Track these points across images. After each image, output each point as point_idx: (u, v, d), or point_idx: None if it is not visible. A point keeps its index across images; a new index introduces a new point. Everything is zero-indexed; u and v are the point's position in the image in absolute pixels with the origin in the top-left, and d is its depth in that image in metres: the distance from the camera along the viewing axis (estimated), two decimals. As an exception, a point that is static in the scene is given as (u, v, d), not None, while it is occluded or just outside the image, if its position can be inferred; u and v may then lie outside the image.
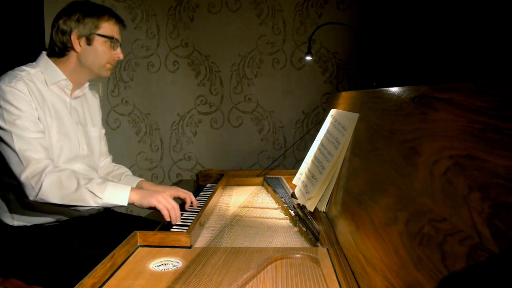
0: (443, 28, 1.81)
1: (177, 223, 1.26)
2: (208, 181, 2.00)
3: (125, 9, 2.60)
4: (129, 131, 2.70)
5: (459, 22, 1.68)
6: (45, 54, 1.41)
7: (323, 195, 1.28)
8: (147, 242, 1.08)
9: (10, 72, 1.31)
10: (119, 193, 1.26)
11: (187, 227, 1.18)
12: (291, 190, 1.67)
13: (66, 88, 1.41)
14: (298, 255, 1.01)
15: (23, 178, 1.22)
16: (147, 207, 1.28)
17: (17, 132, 1.22)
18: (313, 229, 1.18)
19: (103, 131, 1.66)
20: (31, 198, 1.23)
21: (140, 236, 1.08)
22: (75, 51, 1.37)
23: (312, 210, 1.29)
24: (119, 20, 1.44)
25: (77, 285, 0.77)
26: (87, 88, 1.53)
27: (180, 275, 0.89)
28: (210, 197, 1.50)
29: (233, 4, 2.58)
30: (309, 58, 2.26)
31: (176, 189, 1.47)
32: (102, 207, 1.29)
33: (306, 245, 1.15)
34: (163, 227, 1.25)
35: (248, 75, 2.64)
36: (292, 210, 1.39)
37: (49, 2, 2.57)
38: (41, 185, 1.21)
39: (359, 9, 2.52)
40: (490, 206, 0.47)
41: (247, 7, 2.58)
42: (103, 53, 1.39)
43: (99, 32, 1.37)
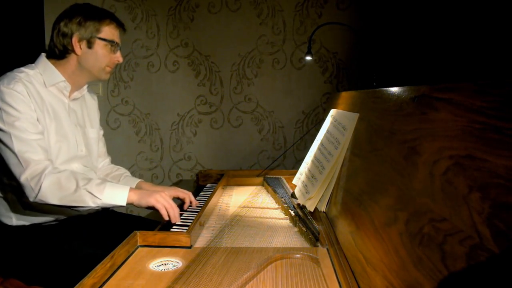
0: (443, 28, 1.81)
1: (177, 223, 1.26)
2: (208, 181, 2.00)
3: (125, 9, 2.60)
4: (129, 131, 2.70)
5: (459, 22, 1.68)
6: (44, 56, 1.41)
7: (323, 195, 1.28)
8: (147, 242, 1.08)
9: (9, 73, 1.31)
10: (117, 194, 1.27)
11: (187, 227, 1.18)
12: (291, 190, 1.67)
13: (64, 89, 1.41)
14: (298, 255, 1.01)
15: (23, 179, 1.23)
16: (146, 206, 1.28)
17: (16, 133, 1.23)
18: (313, 229, 1.18)
19: (102, 132, 1.66)
20: (31, 199, 1.24)
21: (140, 236, 1.08)
22: (76, 54, 1.38)
23: (312, 210, 1.29)
24: (119, 24, 1.45)
25: (77, 285, 0.77)
26: (85, 90, 1.53)
27: (180, 275, 0.89)
28: (210, 197, 1.50)
29: (233, 4, 2.58)
30: (309, 58, 2.26)
31: (175, 189, 1.47)
32: (101, 208, 1.29)
33: (306, 245, 1.15)
34: (163, 227, 1.25)
35: (248, 75, 2.64)
36: (292, 210, 1.39)
37: (49, 2, 2.57)
38: (41, 187, 1.21)
39: (359, 9, 2.52)
40: (490, 206, 0.47)
41: (247, 7, 2.58)
42: (103, 56, 1.40)
43: (100, 35, 1.38)
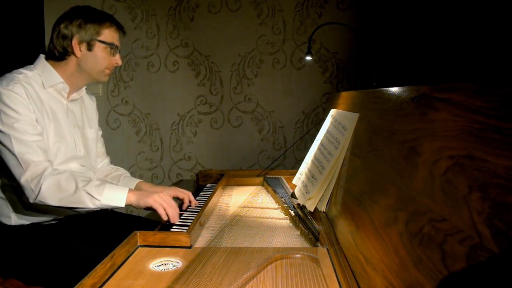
0: (443, 28, 1.81)
1: (177, 222, 1.26)
2: (208, 181, 2.00)
3: (125, 9, 2.60)
4: (129, 131, 2.70)
5: (459, 22, 1.68)
6: (43, 57, 1.41)
7: (323, 195, 1.28)
8: (147, 242, 1.08)
9: (7, 74, 1.31)
10: (116, 195, 1.27)
11: (187, 227, 1.18)
12: (291, 190, 1.67)
13: (63, 91, 1.42)
14: (298, 255, 1.01)
15: (23, 181, 1.23)
16: (144, 207, 1.29)
17: (16, 135, 1.23)
18: (313, 229, 1.18)
19: (100, 132, 1.67)
20: (31, 200, 1.25)
21: (140, 236, 1.08)
22: (75, 56, 1.38)
23: (312, 210, 1.29)
24: (119, 27, 1.45)
25: (77, 285, 0.77)
26: (84, 91, 1.54)
27: (180, 275, 0.89)
28: (210, 197, 1.50)
29: (233, 4, 2.58)
30: (309, 58, 2.26)
31: (174, 189, 1.48)
32: (100, 209, 1.29)
33: (306, 245, 1.15)
34: (163, 227, 1.25)
35: (248, 75, 2.64)
36: (292, 210, 1.39)
37: (49, 3, 2.57)
38: (40, 188, 1.22)
39: (359, 9, 2.52)
40: (490, 206, 0.47)
41: (247, 7, 2.58)
42: (103, 59, 1.40)
43: (100, 38, 1.38)
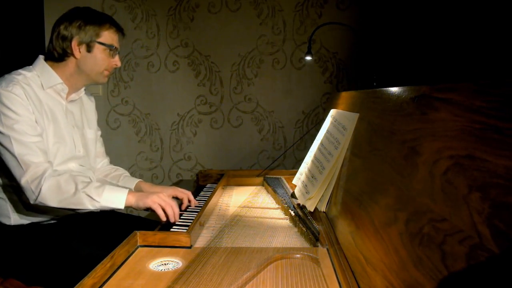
0: (443, 28, 1.81)
1: (177, 222, 1.26)
2: (208, 181, 2.00)
3: (125, 9, 2.60)
4: (129, 131, 2.70)
5: (459, 22, 1.68)
6: (42, 58, 1.41)
7: (323, 195, 1.28)
8: (147, 242, 1.08)
9: (6, 75, 1.31)
10: (116, 197, 1.28)
11: (187, 227, 1.17)
12: (291, 190, 1.67)
13: (62, 91, 1.42)
14: (298, 255, 1.01)
15: (23, 182, 1.24)
16: (144, 208, 1.30)
17: (16, 136, 1.23)
18: (313, 229, 1.18)
19: (99, 132, 1.67)
20: (31, 201, 1.25)
21: (140, 236, 1.08)
22: (74, 57, 1.38)
23: (312, 210, 1.29)
24: (119, 29, 1.45)
25: (77, 285, 0.77)
26: (83, 92, 1.54)
27: (180, 275, 0.89)
28: (210, 197, 1.50)
29: (233, 4, 2.58)
30: (309, 58, 2.26)
31: (174, 189, 1.48)
32: (100, 210, 1.30)
33: (306, 245, 1.15)
34: (163, 227, 1.25)
35: (248, 75, 2.64)
36: (292, 210, 1.39)
37: (49, 3, 2.57)
38: (40, 189, 1.23)
39: (359, 9, 2.52)
40: (490, 206, 0.47)
41: (247, 7, 2.58)
42: (102, 60, 1.40)
43: (99, 40, 1.38)
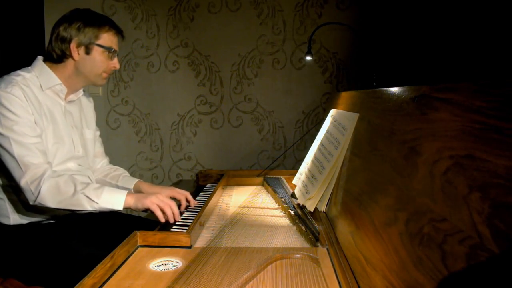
0: (443, 28, 1.81)
1: (177, 222, 1.26)
2: (208, 181, 2.00)
3: (125, 9, 2.60)
4: (129, 131, 2.70)
5: (459, 22, 1.68)
6: (40, 59, 1.41)
7: (323, 195, 1.28)
8: (147, 242, 1.08)
9: (5, 76, 1.31)
10: (115, 198, 1.28)
11: (187, 227, 1.18)
12: (291, 190, 1.67)
13: (60, 92, 1.42)
14: (298, 255, 1.01)
15: (23, 183, 1.24)
16: (143, 209, 1.30)
17: (15, 137, 1.24)
18: (313, 229, 1.18)
19: (98, 132, 1.68)
20: (31, 202, 1.26)
21: (140, 236, 1.08)
22: (73, 59, 1.38)
23: (312, 210, 1.29)
24: (118, 31, 1.45)
25: (77, 285, 0.77)
26: (82, 92, 1.54)
27: (180, 275, 0.89)
28: (210, 197, 1.50)
29: (233, 4, 2.58)
30: (309, 58, 2.26)
31: (172, 189, 1.48)
32: (99, 211, 1.30)
33: (306, 245, 1.15)
34: (163, 227, 1.25)
35: (248, 75, 2.64)
36: (292, 210, 1.39)
37: (49, 4, 2.57)
38: (40, 190, 1.23)
39: (359, 9, 2.52)
40: (490, 206, 0.47)
41: (247, 7, 2.58)
42: (101, 62, 1.40)
43: (98, 42, 1.38)
